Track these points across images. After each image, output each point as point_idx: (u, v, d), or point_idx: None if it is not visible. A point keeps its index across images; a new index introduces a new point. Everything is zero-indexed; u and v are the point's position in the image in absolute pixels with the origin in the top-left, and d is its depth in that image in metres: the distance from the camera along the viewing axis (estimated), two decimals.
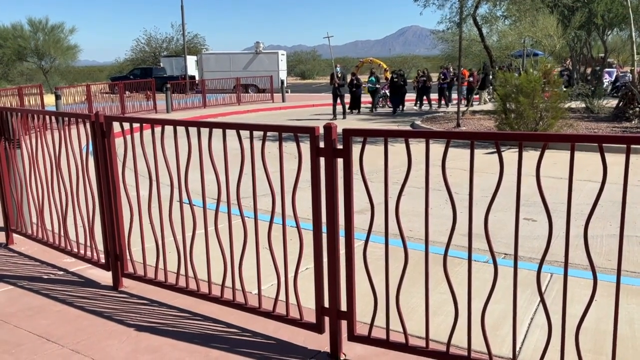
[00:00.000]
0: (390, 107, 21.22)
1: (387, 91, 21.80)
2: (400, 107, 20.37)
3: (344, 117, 17.96)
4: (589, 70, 25.87)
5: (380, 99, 21.92)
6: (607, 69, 26.94)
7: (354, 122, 17.26)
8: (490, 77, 22.22)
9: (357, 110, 20.03)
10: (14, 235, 5.17)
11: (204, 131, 3.38)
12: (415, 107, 21.98)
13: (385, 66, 31.37)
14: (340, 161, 2.89)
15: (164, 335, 3.36)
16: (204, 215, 3.61)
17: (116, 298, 3.92)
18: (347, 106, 18.78)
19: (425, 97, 22.03)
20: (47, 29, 36.66)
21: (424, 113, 20.03)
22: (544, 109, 11.71)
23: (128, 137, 3.73)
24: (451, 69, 22.93)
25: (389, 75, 21.76)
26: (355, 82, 19.69)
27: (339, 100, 18.11)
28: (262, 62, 34.37)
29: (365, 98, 21.80)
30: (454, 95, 23.35)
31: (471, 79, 21.60)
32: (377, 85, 21.20)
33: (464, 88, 22.79)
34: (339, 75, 18.30)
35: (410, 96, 22.39)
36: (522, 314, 3.56)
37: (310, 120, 17.78)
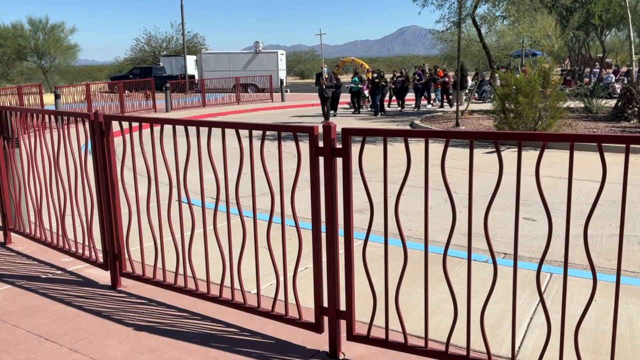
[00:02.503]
0: (369, 109, 20.65)
1: (366, 92, 21.35)
2: (380, 108, 19.64)
3: (327, 120, 17.17)
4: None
5: (362, 99, 21.42)
6: (593, 70, 27.54)
7: (352, 121, 17.25)
8: (469, 78, 22.21)
9: (334, 111, 19.19)
10: (12, 234, 5.16)
11: (203, 130, 3.38)
12: (397, 108, 21.60)
13: (367, 66, 30.98)
14: (339, 160, 2.89)
15: (163, 334, 3.35)
16: (203, 214, 3.60)
17: (114, 297, 3.92)
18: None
19: (404, 97, 21.51)
20: (47, 29, 36.63)
21: (408, 113, 19.82)
22: (543, 109, 11.72)
23: (127, 136, 3.73)
24: (426, 69, 22.72)
25: (370, 76, 21.07)
26: (335, 82, 18.67)
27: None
28: (262, 62, 34.38)
29: (343, 99, 21.11)
30: (431, 95, 23.21)
31: (446, 79, 21.47)
32: (360, 86, 20.40)
33: (438, 89, 22.77)
34: (326, 77, 17.58)
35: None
36: (521, 314, 3.55)
37: (309, 120, 17.78)
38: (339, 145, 2.89)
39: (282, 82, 29.03)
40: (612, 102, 16.82)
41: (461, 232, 4.34)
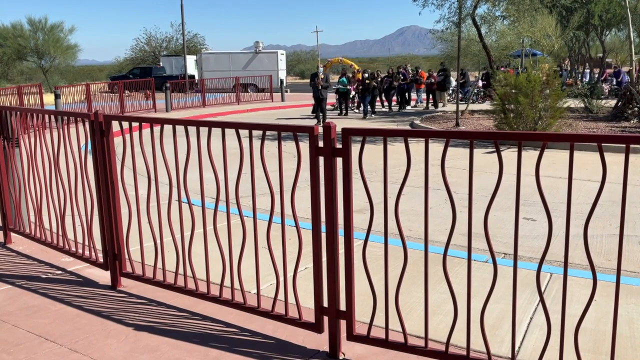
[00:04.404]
0: (357, 110, 20.11)
1: (353, 93, 20.68)
2: (370, 109, 18.98)
3: (320, 122, 16.68)
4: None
5: (351, 100, 20.75)
6: (588, 70, 28.10)
7: (351, 122, 17.25)
8: (452, 78, 22.17)
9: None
10: (12, 234, 5.16)
11: (203, 130, 3.38)
12: (384, 109, 21.07)
13: (357, 67, 30.57)
14: (339, 160, 2.89)
15: (163, 334, 3.35)
16: (203, 214, 3.60)
17: (114, 297, 3.92)
18: (314, 108, 17.44)
19: (392, 98, 21.04)
20: (47, 29, 36.64)
21: (407, 113, 19.65)
22: (543, 109, 11.72)
23: (127, 136, 3.73)
24: (409, 69, 22.52)
25: (360, 76, 20.56)
26: (313, 83, 17.35)
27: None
28: (262, 62, 34.38)
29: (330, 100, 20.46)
30: (413, 96, 23.01)
31: (432, 80, 21.39)
32: (348, 87, 19.67)
33: (420, 90, 22.65)
34: (322, 77, 16.91)
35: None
36: (521, 314, 3.55)
37: (301, 122, 17.77)
38: (338, 145, 2.89)
39: (282, 82, 29.01)
40: (612, 102, 16.83)
41: (461, 232, 4.34)
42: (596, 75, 25.72)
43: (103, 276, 4.22)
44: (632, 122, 14.02)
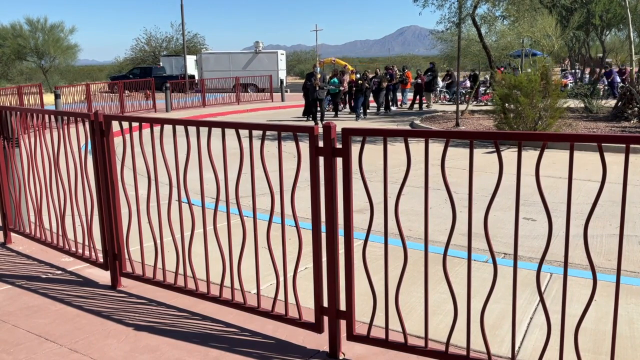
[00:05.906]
0: (341, 111, 19.82)
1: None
2: (363, 110, 18.62)
3: (316, 123, 16.32)
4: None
5: (340, 101, 20.34)
6: (569, 72, 28.48)
7: (350, 122, 17.24)
8: (439, 79, 22.06)
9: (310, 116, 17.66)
10: (12, 234, 5.16)
11: (203, 130, 3.38)
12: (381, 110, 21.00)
13: (351, 68, 30.24)
14: (339, 160, 2.89)
15: (163, 334, 3.35)
16: (203, 214, 3.60)
17: (114, 297, 3.92)
18: (307, 109, 17.24)
19: (381, 99, 20.54)
20: (47, 29, 36.62)
21: (407, 113, 19.56)
22: (543, 109, 11.73)
23: (127, 136, 3.73)
24: (395, 70, 22.46)
25: (354, 77, 20.20)
26: (310, 83, 16.84)
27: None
28: (262, 62, 34.37)
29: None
30: (399, 96, 22.90)
31: (419, 81, 21.31)
32: (340, 88, 19.29)
33: (406, 90, 22.56)
34: (319, 76, 16.50)
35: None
36: (521, 314, 3.55)
37: (302, 121, 17.76)
38: (338, 145, 2.89)
39: (282, 82, 29.01)
40: (612, 102, 16.84)
41: (461, 232, 4.34)
42: (587, 76, 25.77)
43: (103, 276, 4.22)
44: (632, 122, 14.03)
